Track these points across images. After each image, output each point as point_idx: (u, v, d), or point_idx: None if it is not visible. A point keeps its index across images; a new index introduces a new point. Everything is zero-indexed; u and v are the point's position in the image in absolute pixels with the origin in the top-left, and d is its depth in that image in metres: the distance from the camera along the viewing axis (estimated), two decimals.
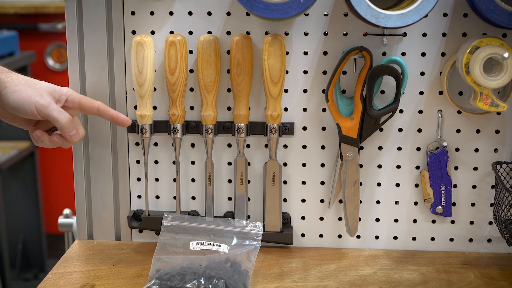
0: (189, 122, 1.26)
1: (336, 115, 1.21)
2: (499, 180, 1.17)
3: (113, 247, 1.29)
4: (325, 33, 1.22)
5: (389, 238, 1.30)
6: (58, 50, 3.34)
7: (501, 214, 1.19)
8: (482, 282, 1.17)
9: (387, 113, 1.20)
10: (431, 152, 1.24)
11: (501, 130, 1.24)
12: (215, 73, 1.21)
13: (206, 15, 1.23)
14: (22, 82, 1.09)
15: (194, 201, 1.31)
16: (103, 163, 1.29)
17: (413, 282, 1.17)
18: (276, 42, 1.18)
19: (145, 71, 1.20)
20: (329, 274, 1.19)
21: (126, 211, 1.31)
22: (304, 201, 1.30)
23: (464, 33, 1.20)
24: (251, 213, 1.30)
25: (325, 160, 1.27)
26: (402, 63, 1.19)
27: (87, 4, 1.23)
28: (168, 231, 1.17)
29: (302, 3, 1.08)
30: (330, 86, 1.20)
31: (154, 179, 1.31)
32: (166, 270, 1.10)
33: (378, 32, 1.20)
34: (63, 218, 1.50)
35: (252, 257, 1.14)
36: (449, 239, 1.29)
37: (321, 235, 1.31)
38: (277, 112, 1.21)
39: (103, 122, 1.27)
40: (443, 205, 1.26)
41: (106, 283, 1.15)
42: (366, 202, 1.29)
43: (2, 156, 2.82)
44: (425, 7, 1.07)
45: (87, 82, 1.26)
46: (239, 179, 1.26)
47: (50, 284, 1.15)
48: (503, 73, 1.13)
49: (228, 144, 1.28)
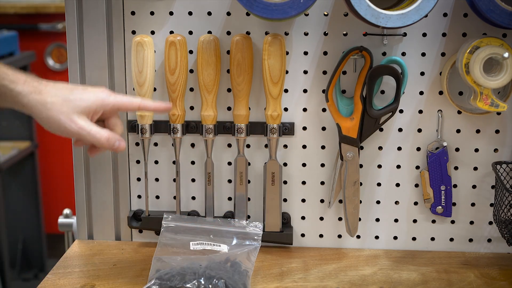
0: (189, 122, 1.26)
1: (336, 115, 1.21)
2: (499, 180, 1.17)
3: (113, 247, 1.29)
4: (325, 33, 1.22)
5: (389, 238, 1.30)
6: (58, 50, 3.34)
7: (501, 214, 1.19)
8: (482, 282, 1.17)
9: (387, 113, 1.20)
10: (431, 152, 1.24)
11: (501, 130, 1.24)
12: (215, 73, 1.21)
13: (206, 15, 1.23)
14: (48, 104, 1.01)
15: (194, 201, 1.31)
16: (103, 163, 1.29)
17: (413, 282, 1.17)
18: (276, 42, 1.18)
19: (145, 71, 1.20)
20: (329, 274, 1.19)
21: (126, 211, 1.31)
22: (304, 201, 1.30)
23: (464, 33, 1.20)
24: (251, 213, 1.30)
25: (325, 160, 1.27)
26: (402, 63, 1.19)
27: (87, 4, 1.23)
28: (168, 231, 1.17)
29: (302, 3, 1.08)
30: (330, 86, 1.20)
31: (154, 179, 1.31)
32: (166, 270, 1.10)
33: (378, 32, 1.20)
34: (63, 218, 1.50)
35: (252, 257, 1.14)
36: (449, 239, 1.29)
37: (321, 235, 1.31)
38: (277, 112, 1.21)
39: None
40: (443, 205, 1.26)
41: (106, 283, 1.15)
42: (366, 202, 1.28)
43: (2, 156, 2.82)
44: (425, 7, 1.07)
45: (87, 82, 1.26)
46: (239, 179, 1.26)
47: (50, 284, 1.15)
48: (503, 73, 1.13)
49: (228, 144, 1.28)
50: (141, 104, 1.09)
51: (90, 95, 1.05)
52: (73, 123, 1.02)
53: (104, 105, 1.05)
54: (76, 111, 1.02)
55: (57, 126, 1.02)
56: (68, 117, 1.02)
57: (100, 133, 1.03)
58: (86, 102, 1.03)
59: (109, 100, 1.06)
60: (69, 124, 1.01)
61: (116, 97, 1.07)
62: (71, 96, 1.03)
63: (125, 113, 1.27)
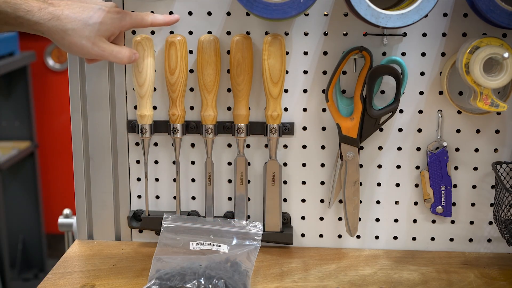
0: (189, 122, 1.26)
1: (336, 115, 1.21)
2: (499, 180, 1.17)
3: (113, 247, 1.29)
4: (325, 33, 1.22)
5: (389, 238, 1.30)
6: (58, 50, 3.34)
7: (501, 214, 1.19)
8: (482, 282, 1.17)
9: (387, 113, 1.20)
10: (431, 152, 1.24)
11: (501, 130, 1.24)
12: (215, 73, 1.21)
13: (206, 15, 1.23)
14: (69, 31, 1.05)
15: (194, 201, 1.31)
16: (103, 163, 1.29)
17: (413, 282, 1.17)
18: (276, 42, 1.18)
19: (145, 71, 1.20)
20: (329, 274, 1.19)
21: (126, 211, 1.31)
22: (304, 201, 1.30)
23: (464, 33, 1.20)
24: (251, 213, 1.30)
25: (325, 160, 1.27)
26: (402, 63, 1.19)
27: None
28: (168, 231, 1.17)
29: (302, 3, 1.08)
30: (330, 86, 1.20)
31: (154, 179, 1.31)
32: (166, 270, 1.10)
33: (378, 32, 1.20)
34: (63, 218, 1.50)
35: (252, 257, 1.14)
36: (449, 239, 1.29)
37: (321, 235, 1.31)
38: (277, 112, 1.21)
39: (103, 122, 1.27)
40: (443, 205, 1.26)
41: (106, 283, 1.15)
42: (366, 202, 1.28)
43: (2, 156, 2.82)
44: (425, 7, 1.07)
45: (87, 82, 1.26)
46: (239, 179, 1.26)
47: (50, 284, 1.15)
48: (503, 73, 1.13)
49: (228, 144, 1.28)
50: (153, 20, 1.15)
51: (107, 18, 1.08)
52: (95, 46, 1.07)
53: (121, 27, 1.11)
54: (97, 35, 1.07)
55: (80, 49, 1.07)
56: (90, 40, 1.07)
57: (121, 52, 1.10)
58: (105, 25, 1.09)
59: (126, 21, 1.11)
60: (92, 47, 1.07)
61: (131, 17, 1.12)
62: (90, 20, 1.07)
63: (125, 113, 1.27)
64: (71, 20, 1.05)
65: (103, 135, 1.28)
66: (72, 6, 1.07)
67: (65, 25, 1.05)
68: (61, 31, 1.05)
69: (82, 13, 1.06)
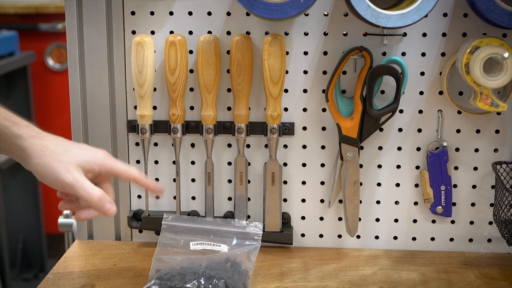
0: (189, 122, 1.26)
1: (336, 115, 1.21)
2: (499, 180, 1.17)
3: (113, 247, 1.29)
4: (325, 33, 1.22)
5: (389, 238, 1.30)
6: (58, 50, 3.34)
7: (501, 214, 1.19)
8: (482, 282, 1.17)
9: (387, 113, 1.20)
10: (431, 152, 1.24)
11: (501, 130, 1.24)
12: (215, 73, 1.21)
13: (206, 15, 1.23)
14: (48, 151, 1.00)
15: (194, 201, 1.31)
16: None
17: (413, 282, 1.17)
18: (276, 42, 1.18)
19: (145, 71, 1.20)
20: (329, 274, 1.19)
21: (126, 211, 1.31)
22: (304, 201, 1.30)
23: (464, 33, 1.20)
24: (251, 213, 1.30)
25: (325, 160, 1.27)
26: (402, 63, 1.19)
27: (87, 4, 1.23)
28: (168, 231, 1.17)
29: (302, 3, 1.08)
30: (330, 86, 1.20)
31: (154, 179, 1.30)
32: (166, 270, 1.10)
33: (378, 32, 1.20)
34: (63, 218, 1.50)
35: (252, 257, 1.14)
36: (449, 239, 1.29)
37: (321, 235, 1.31)
38: (277, 112, 1.21)
39: (103, 121, 1.27)
40: (443, 205, 1.26)
41: (106, 283, 1.15)
42: (366, 202, 1.28)
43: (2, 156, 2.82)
44: (425, 7, 1.07)
45: (87, 82, 1.26)
46: (239, 179, 1.26)
47: (50, 284, 1.15)
48: (503, 73, 1.13)
49: (228, 144, 1.28)
50: (137, 177, 1.05)
51: (90, 152, 1.04)
52: (69, 174, 0.99)
53: (103, 165, 1.03)
54: (75, 163, 1.00)
55: (52, 174, 0.99)
56: (65, 166, 0.99)
57: (94, 189, 0.99)
58: (86, 157, 1.02)
59: (108, 161, 1.04)
60: (65, 174, 0.98)
61: (115, 161, 1.05)
62: (72, 149, 1.02)
63: (125, 113, 1.27)
64: (53, 143, 1.01)
65: (103, 135, 1.28)
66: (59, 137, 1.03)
67: (46, 144, 1.00)
68: (40, 149, 0.99)
69: (66, 142, 1.02)
